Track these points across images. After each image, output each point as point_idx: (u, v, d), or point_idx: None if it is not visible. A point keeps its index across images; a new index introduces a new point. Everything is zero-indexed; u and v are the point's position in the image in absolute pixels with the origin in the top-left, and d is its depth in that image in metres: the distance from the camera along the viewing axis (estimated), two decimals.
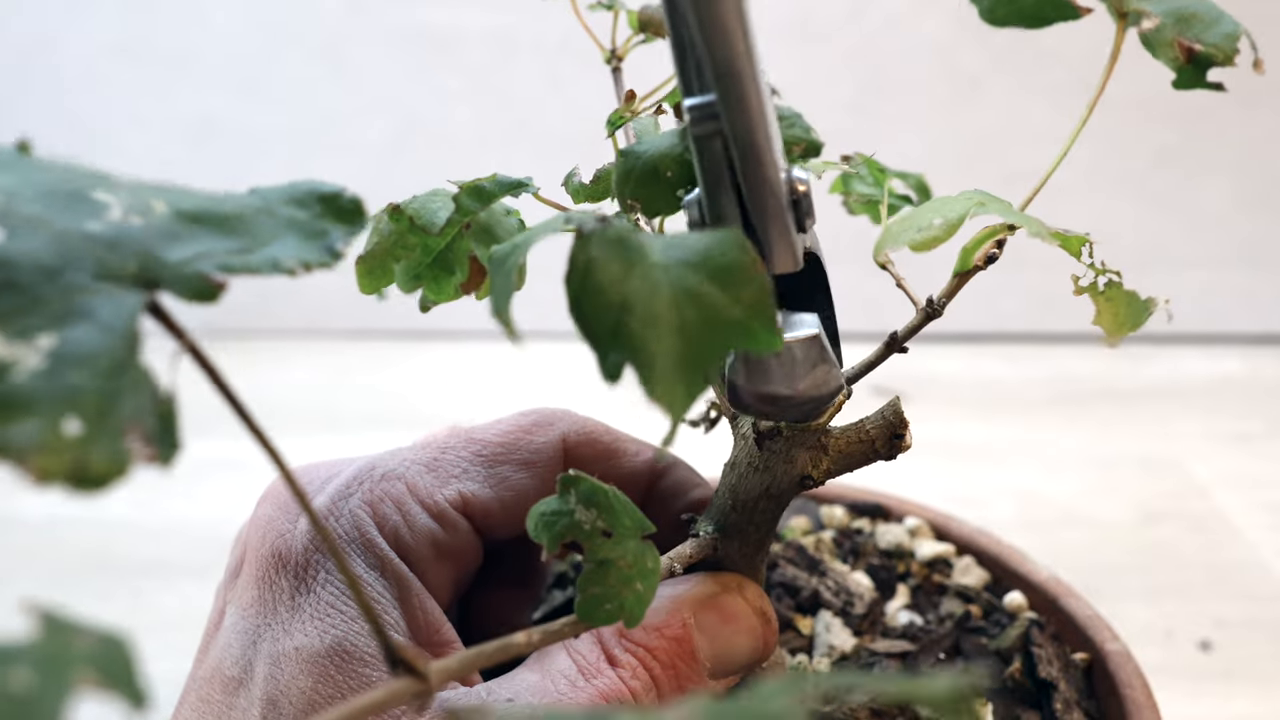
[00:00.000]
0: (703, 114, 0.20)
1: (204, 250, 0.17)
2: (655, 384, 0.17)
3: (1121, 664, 0.35)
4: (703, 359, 0.17)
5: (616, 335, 0.17)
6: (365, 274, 0.23)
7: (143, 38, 0.89)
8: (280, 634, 0.25)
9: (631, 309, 0.17)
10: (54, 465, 0.12)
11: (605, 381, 0.17)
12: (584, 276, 0.17)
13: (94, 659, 0.10)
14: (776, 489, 0.27)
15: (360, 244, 0.25)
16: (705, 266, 0.18)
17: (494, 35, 0.87)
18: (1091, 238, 0.22)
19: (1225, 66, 0.23)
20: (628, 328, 0.17)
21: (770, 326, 0.17)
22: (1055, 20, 0.26)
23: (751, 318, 0.17)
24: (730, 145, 0.20)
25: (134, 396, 0.13)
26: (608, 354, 0.17)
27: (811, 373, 0.22)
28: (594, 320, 0.17)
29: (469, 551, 0.29)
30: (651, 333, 0.17)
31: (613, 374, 0.17)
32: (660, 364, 0.17)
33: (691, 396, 0.17)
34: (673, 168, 0.24)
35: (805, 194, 0.21)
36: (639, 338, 0.17)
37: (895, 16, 0.84)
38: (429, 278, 0.22)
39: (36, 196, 0.16)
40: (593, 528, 0.20)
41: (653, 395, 0.17)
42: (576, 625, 0.20)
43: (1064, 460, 0.70)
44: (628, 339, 0.17)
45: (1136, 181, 0.88)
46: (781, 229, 0.21)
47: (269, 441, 0.15)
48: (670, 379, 0.17)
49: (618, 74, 0.32)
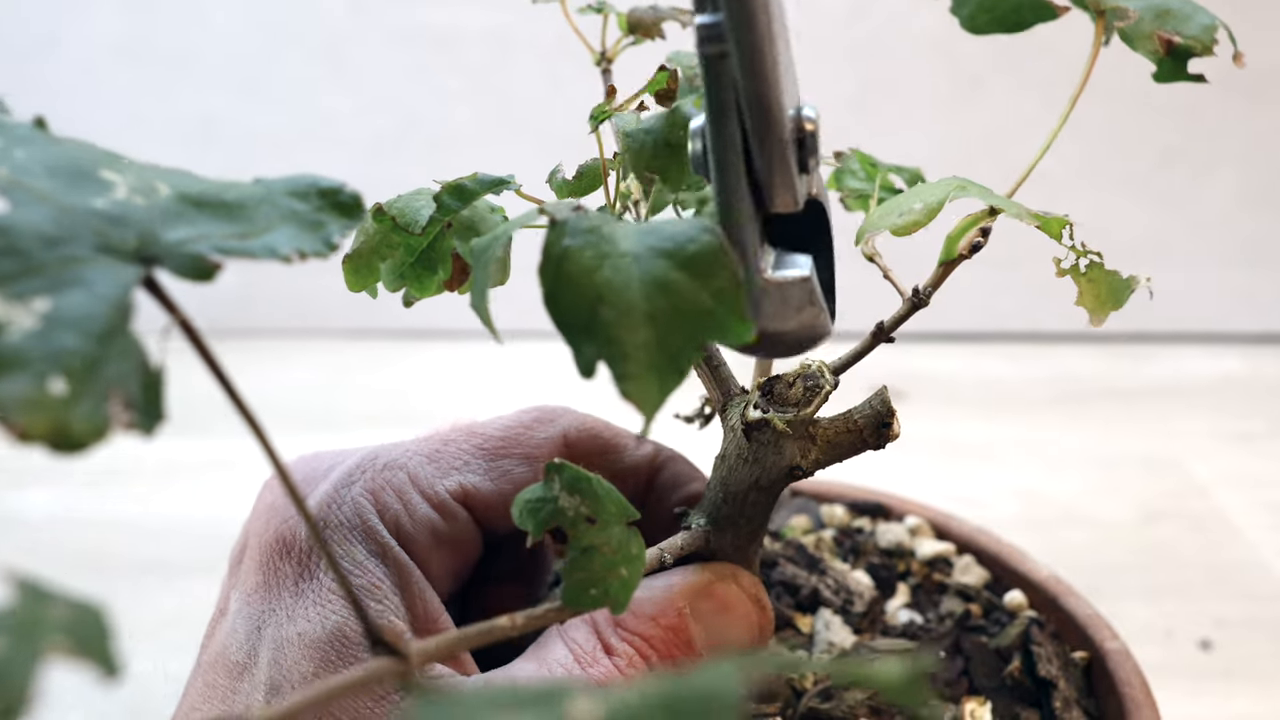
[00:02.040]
0: (710, 33, 0.19)
1: (203, 232, 0.17)
2: (629, 379, 0.16)
3: (1121, 663, 0.35)
4: (675, 350, 0.17)
5: (590, 327, 0.17)
6: (352, 272, 0.24)
7: (143, 38, 0.90)
8: (284, 619, 0.26)
9: (605, 300, 0.17)
10: (36, 423, 0.12)
11: (581, 376, 0.17)
12: (557, 267, 0.17)
13: (67, 627, 0.10)
14: (766, 480, 0.27)
15: (350, 243, 0.25)
16: (676, 255, 0.17)
17: (493, 35, 0.87)
18: (1072, 219, 0.22)
19: (1204, 57, 0.23)
20: (601, 319, 0.17)
21: (739, 317, 0.17)
22: (1034, 22, 0.26)
23: (721, 307, 0.17)
24: (736, 69, 0.19)
25: (120, 363, 0.13)
26: (582, 347, 0.17)
27: (799, 315, 0.21)
28: (568, 312, 0.17)
29: (468, 542, 0.29)
30: (625, 323, 0.17)
31: (587, 368, 0.17)
32: (633, 356, 0.16)
33: (665, 391, 0.17)
34: (683, 132, 0.24)
35: (812, 132, 0.21)
36: (612, 329, 0.17)
37: (896, 14, 0.84)
38: (412, 276, 0.22)
39: (45, 171, 0.16)
40: (577, 514, 0.20)
41: (626, 391, 0.16)
42: (562, 611, 0.20)
43: (1064, 459, 0.70)
44: (601, 330, 0.17)
45: (1139, 179, 0.88)
46: (783, 164, 0.20)
47: (259, 426, 0.15)
48: (644, 372, 0.17)
49: (608, 75, 0.33)
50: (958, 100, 0.87)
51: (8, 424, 0.12)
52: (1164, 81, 0.24)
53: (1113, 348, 0.87)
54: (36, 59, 0.90)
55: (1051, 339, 0.89)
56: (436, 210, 0.22)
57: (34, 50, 0.90)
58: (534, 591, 0.36)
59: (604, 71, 0.32)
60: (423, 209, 0.23)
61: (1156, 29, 0.23)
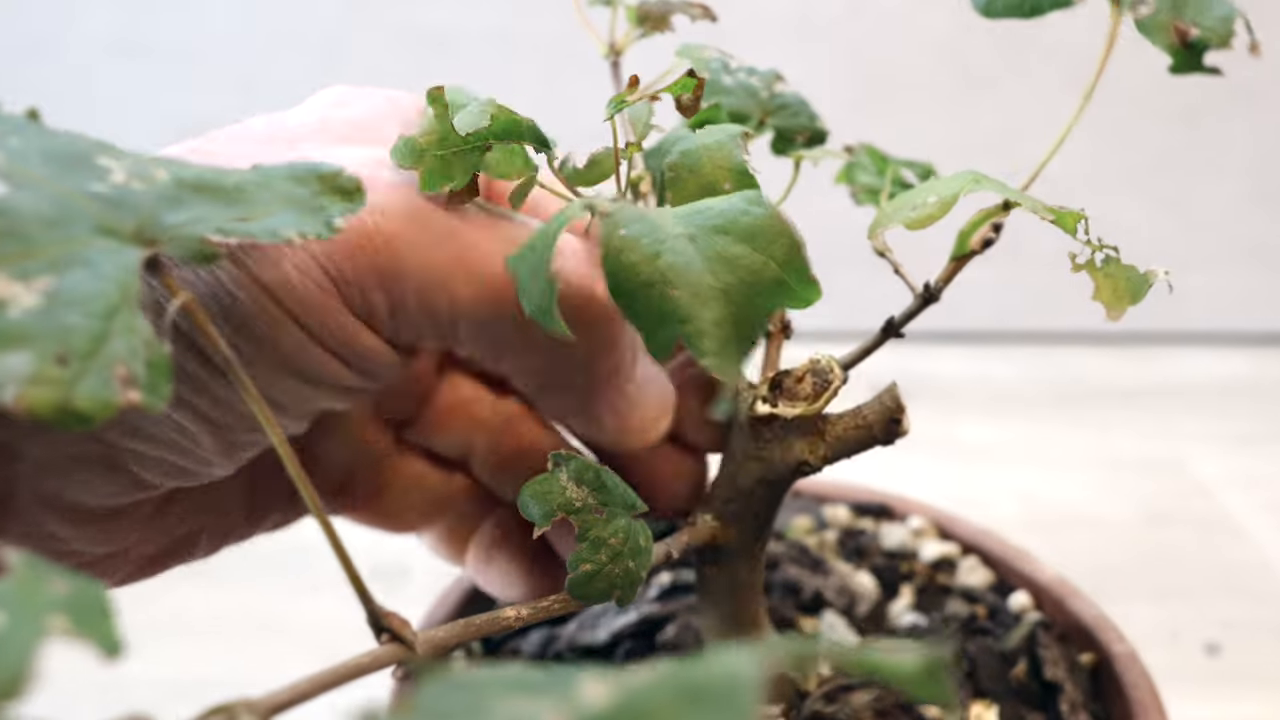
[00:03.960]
0: None
1: (203, 215, 0.17)
2: (711, 355, 0.17)
3: (1128, 666, 0.35)
4: (750, 320, 0.18)
5: (663, 311, 0.17)
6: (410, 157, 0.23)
7: (140, 37, 0.90)
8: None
9: (672, 282, 0.17)
10: (40, 399, 0.12)
11: (655, 357, 0.18)
12: (618, 258, 0.17)
13: (67, 604, 0.10)
14: (773, 475, 0.27)
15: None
16: (733, 229, 0.18)
17: (492, 34, 0.87)
18: (1087, 214, 0.21)
19: (1221, 49, 0.23)
20: (672, 301, 0.17)
21: (806, 278, 0.18)
22: (1050, 9, 0.25)
23: (790, 272, 0.18)
24: None
25: (124, 339, 0.13)
26: (656, 330, 0.17)
27: None
28: (638, 299, 0.17)
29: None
30: (699, 302, 0.17)
31: (664, 349, 0.17)
32: (711, 333, 0.17)
33: (745, 358, 0.18)
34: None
35: None
36: (685, 309, 0.17)
37: (899, 12, 0.84)
38: (426, 168, 0.22)
39: (42, 159, 0.16)
40: (584, 505, 0.20)
41: (711, 364, 0.17)
42: (566, 602, 0.20)
43: (1068, 460, 0.70)
44: (675, 312, 0.17)
45: (1143, 178, 0.88)
46: None
47: (260, 401, 0.15)
48: (725, 345, 0.17)
49: (617, 69, 0.32)
50: (962, 98, 0.86)
51: (13, 400, 0.12)
52: (1179, 73, 0.23)
53: (1116, 348, 0.87)
54: (31, 59, 0.90)
55: (1054, 339, 0.88)
56: (487, 127, 0.22)
57: (28, 50, 0.90)
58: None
59: (613, 65, 0.32)
60: (474, 115, 0.23)
61: (1173, 19, 0.23)
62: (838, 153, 0.32)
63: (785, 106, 0.31)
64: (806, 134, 0.31)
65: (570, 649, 0.37)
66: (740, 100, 0.31)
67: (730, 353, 0.17)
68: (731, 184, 0.23)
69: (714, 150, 0.23)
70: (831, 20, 0.85)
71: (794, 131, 0.31)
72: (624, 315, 0.18)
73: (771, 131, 0.31)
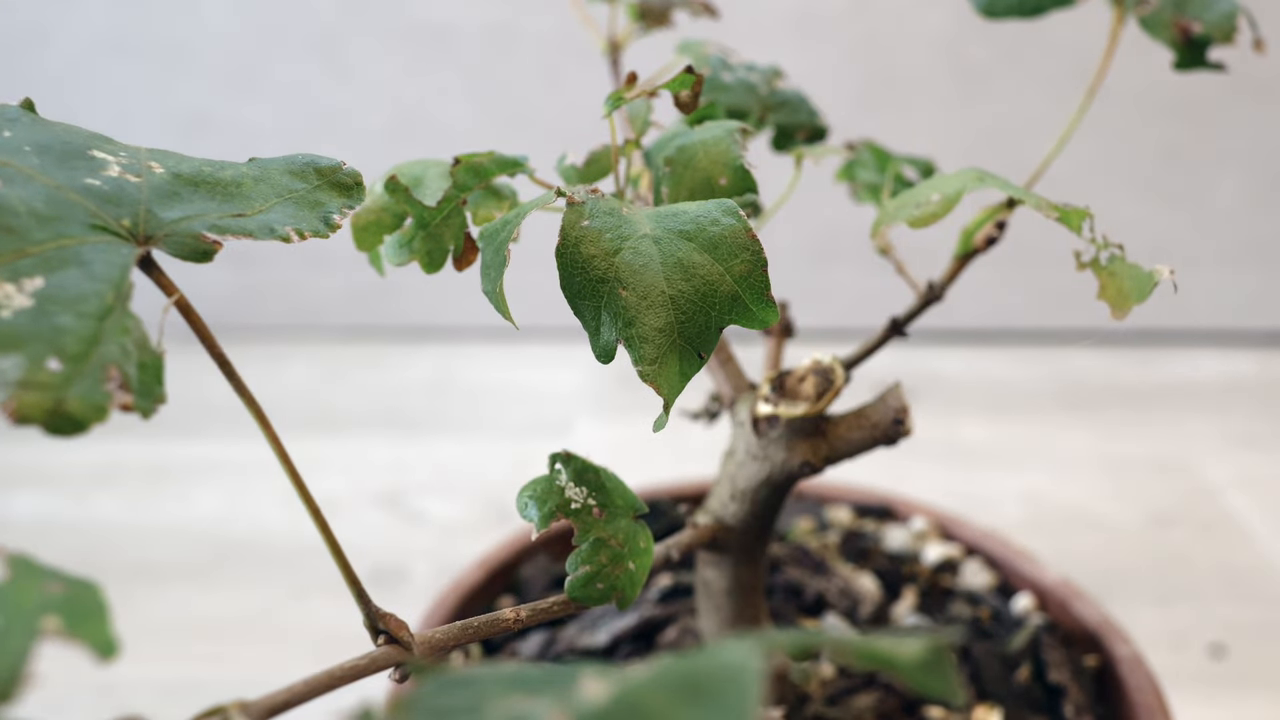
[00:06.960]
0: None
1: (199, 211, 0.17)
2: (650, 363, 0.16)
3: (1133, 669, 0.34)
4: (696, 334, 0.17)
5: (610, 311, 0.16)
6: (360, 229, 0.23)
7: (135, 33, 0.90)
8: None
9: (624, 282, 0.16)
10: (32, 405, 0.11)
11: (598, 360, 0.17)
12: (575, 248, 0.17)
13: (61, 606, 0.10)
14: (776, 476, 0.27)
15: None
16: (698, 237, 0.17)
17: (491, 30, 0.87)
18: (1092, 212, 0.21)
19: (1224, 45, 0.23)
20: (620, 301, 0.16)
21: (763, 298, 0.17)
22: (1051, 8, 0.25)
23: (744, 289, 0.17)
24: None
25: (118, 342, 0.13)
26: (600, 331, 0.17)
27: None
28: (586, 295, 0.17)
29: None
30: (646, 306, 0.16)
31: (605, 353, 0.16)
32: (654, 340, 0.16)
33: (686, 376, 0.17)
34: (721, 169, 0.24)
35: None
36: (631, 311, 0.16)
37: (900, 10, 0.84)
38: (421, 251, 0.22)
39: (34, 150, 0.16)
40: (583, 506, 0.20)
41: (646, 375, 0.16)
42: (566, 604, 0.19)
43: (1072, 462, 0.69)
44: (620, 314, 0.16)
45: (1147, 178, 0.88)
46: None
47: (263, 413, 0.15)
48: (665, 356, 0.16)
49: (616, 65, 0.32)
50: (963, 97, 0.86)
51: (2, 406, 0.11)
52: (1183, 70, 0.23)
53: (1121, 349, 0.86)
54: (25, 53, 0.90)
55: (1059, 340, 0.88)
56: (452, 186, 0.22)
57: (23, 44, 0.90)
58: None
59: (613, 60, 0.32)
60: (436, 181, 0.23)
61: (1176, 16, 0.23)
62: (838, 149, 0.31)
63: (785, 103, 0.31)
64: (807, 130, 0.31)
65: (570, 651, 0.37)
66: (740, 97, 0.31)
67: (668, 365, 0.16)
68: (728, 180, 0.22)
69: (711, 146, 0.23)
70: (833, 17, 0.84)
71: (794, 128, 0.31)
72: (570, 307, 0.17)
73: (772, 128, 0.31)
